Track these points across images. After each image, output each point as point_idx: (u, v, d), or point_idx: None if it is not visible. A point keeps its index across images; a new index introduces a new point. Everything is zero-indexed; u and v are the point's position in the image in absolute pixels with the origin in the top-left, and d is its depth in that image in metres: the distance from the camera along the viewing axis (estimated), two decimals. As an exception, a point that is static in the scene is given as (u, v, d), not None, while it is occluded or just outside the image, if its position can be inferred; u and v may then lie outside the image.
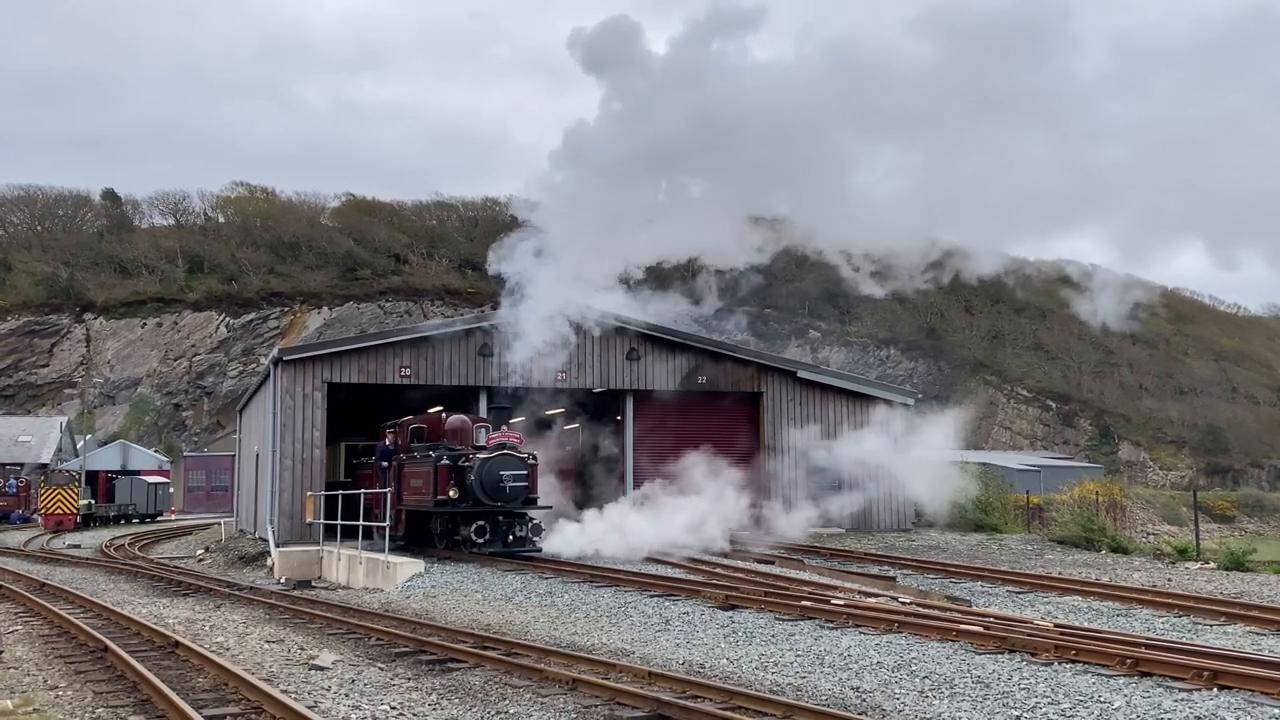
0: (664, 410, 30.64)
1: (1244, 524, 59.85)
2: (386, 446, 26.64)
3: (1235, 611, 15.17)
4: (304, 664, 12.26)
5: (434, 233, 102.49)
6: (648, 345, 30.67)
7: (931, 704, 9.87)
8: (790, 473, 31.28)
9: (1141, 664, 10.84)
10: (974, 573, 20.69)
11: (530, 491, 22.98)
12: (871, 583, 18.80)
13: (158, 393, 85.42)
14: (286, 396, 27.93)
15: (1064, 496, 36.80)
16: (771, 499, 29.64)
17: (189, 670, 11.97)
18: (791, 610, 15.21)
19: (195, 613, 17.38)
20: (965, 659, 11.76)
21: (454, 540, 23.14)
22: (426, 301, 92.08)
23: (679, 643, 13.37)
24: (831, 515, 30.21)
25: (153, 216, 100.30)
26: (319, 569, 24.57)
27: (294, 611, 17.13)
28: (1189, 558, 25.41)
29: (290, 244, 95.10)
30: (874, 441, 31.96)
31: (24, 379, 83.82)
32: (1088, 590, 17.85)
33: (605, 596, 17.38)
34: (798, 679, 11.05)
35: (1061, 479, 52.79)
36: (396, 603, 17.94)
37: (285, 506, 27.60)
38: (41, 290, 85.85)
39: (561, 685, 10.79)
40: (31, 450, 67.58)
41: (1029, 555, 26.38)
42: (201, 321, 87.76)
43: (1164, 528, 50.26)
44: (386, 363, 28.82)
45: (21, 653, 13.53)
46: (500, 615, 15.97)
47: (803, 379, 32.36)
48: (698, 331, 32.08)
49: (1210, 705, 9.49)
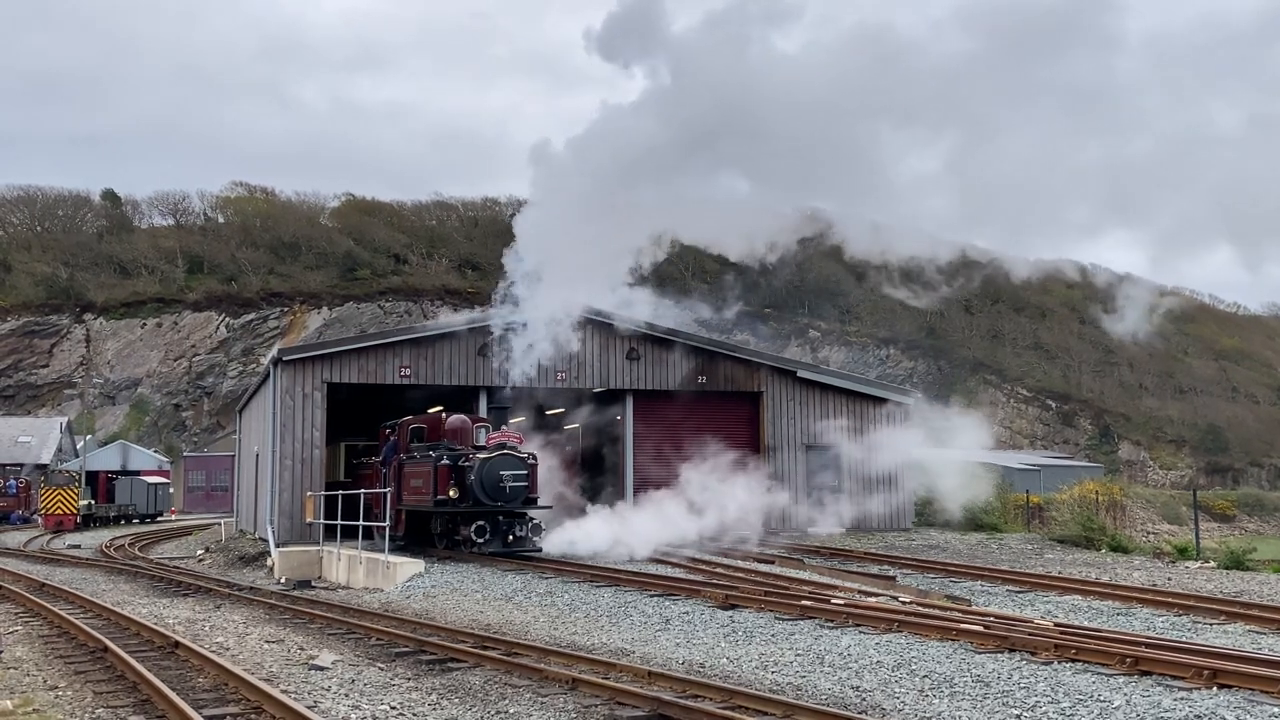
0: (664, 410, 30.66)
1: (1244, 523, 59.82)
2: (386, 446, 26.64)
3: (1235, 610, 15.17)
4: (304, 664, 12.26)
5: (434, 233, 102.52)
6: (647, 345, 30.68)
7: (931, 703, 9.86)
8: (790, 472, 31.28)
9: (1141, 663, 10.84)
10: (974, 572, 20.69)
11: (530, 491, 22.98)
12: (871, 582, 18.80)
13: (158, 393, 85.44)
14: (286, 396, 27.93)
15: (1064, 496, 36.80)
16: (771, 498, 29.60)
17: (189, 670, 11.97)
18: (791, 610, 15.21)
19: (195, 613, 17.38)
20: (965, 658, 11.76)
21: (454, 540, 23.14)
22: (426, 301, 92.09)
23: (679, 642, 13.37)
24: (831, 514, 30.26)
25: (152, 217, 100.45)
26: (319, 569, 24.56)
27: (294, 611, 17.13)
28: (1189, 557, 25.42)
29: (290, 244, 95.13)
30: (874, 441, 32.03)
31: (24, 379, 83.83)
32: (1088, 589, 17.85)
33: (605, 596, 17.38)
34: (798, 678, 11.05)
35: (1061, 478, 52.78)
36: (396, 603, 17.94)
37: (285, 506, 27.60)
38: (41, 290, 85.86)
39: (561, 685, 10.79)
40: (31, 451, 67.59)
41: (1029, 555, 26.37)
42: (201, 322, 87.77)
43: (1164, 527, 50.23)
44: (386, 363, 28.83)
45: (21, 653, 13.53)
46: (500, 615, 15.97)
47: (803, 378, 32.37)
48: (699, 332, 32.10)
49: (1210, 704, 9.49)
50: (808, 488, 31.26)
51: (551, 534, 23.80)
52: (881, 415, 32.62)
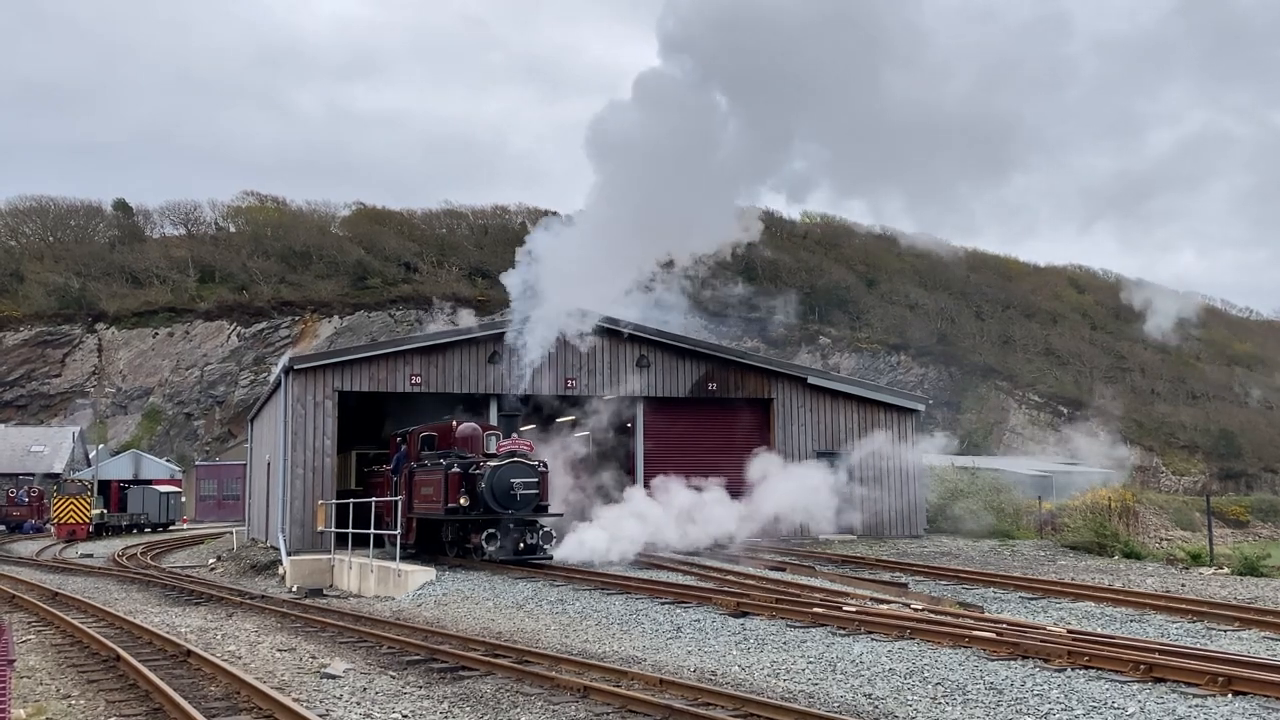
0: (675, 417, 30.64)
1: (1258, 529, 59.47)
2: (397, 454, 26.68)
3: (1249, 617, 15.08)
4: (316, 672, 12.27)
5: (444, 241, 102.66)
6: (658, 352, 30.68)
7: (944, 710, 9.83)
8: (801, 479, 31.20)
9: (1155, 670, 10.79)
10: (986, 579, 20.61)
11: (541, 499, 22.99)
12: (883, 589, 18.74)
13: (169, 402, 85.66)
14: (297, 405, 27.99)
15: (1076, 502, 36.68)
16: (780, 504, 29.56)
17: (201, 679, 11.99)
18: (803, 617, 15.18)
19: (207, 621, 17.41)
20: (978, 665, 11.72)
21: (465, 548, 23.15)
22: (437, 309, 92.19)
23: (690, 650, 13.35)
24: (843, 521, 30.20)
25: (164, 226, 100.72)
26: (330, 577, 24.61)
27: (305, 620, 17.16)
28: (1202, 563, 25.29)
29: (301, 253, 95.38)
30: (885, 447, 31.96)
31: (36, 389, 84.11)
32: (1100, 596, 17.77)
33: (616, 604, 17.36)
34: (810, 686, 11.02)
35: (1073, 485, 52.57)
36: (408, 611, 17.95)
37: (296, 515, 27.65)
38: (54, 300, 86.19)
39: (573, 693, 10.78)
40: (44, 460, 67.81)
41: (1041, 561, 26.28)
42: (213, 331, 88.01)
43: (1177, 533, 49.94)
44: (397, 371, 28.88)
45: (34, 661, 13.57)
46: (511, 623, 15.96)
47: (813, 385, 32.32)
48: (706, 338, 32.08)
49: (1225, 711, 9.44)
50: (818, 494, 31.15)
51: (563, 541, 23.78)
52: (892, 421, 32.55)
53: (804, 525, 29.84)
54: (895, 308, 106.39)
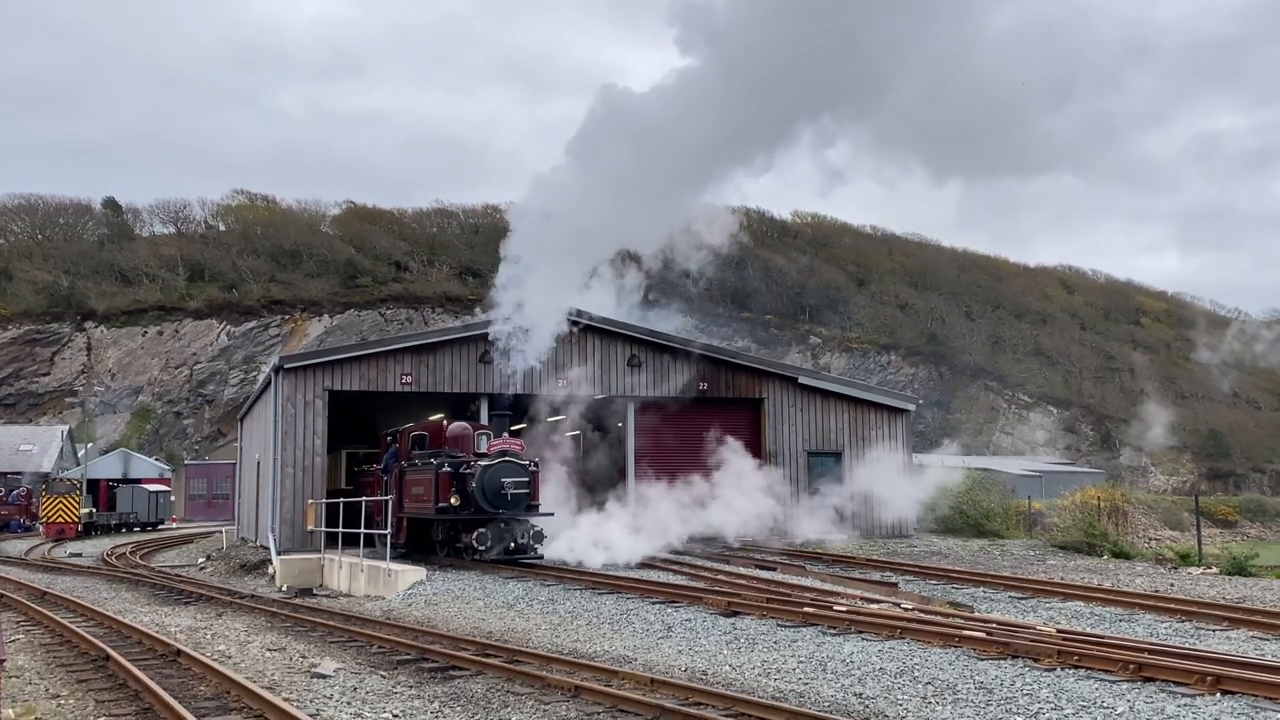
0: (665, 417, 30.62)
1: (1246, 529, 59.79)
2: (388, 454, 26.64)
3: (1238, 616, 15.15)
4: (306, 672, 12.25)
5: (434, 240, 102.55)
6: (649, 352, 30.68)
7: (934, 710, 9.85)
8: (791, 478, 31.25)
9: (1144, 669, 10.83)
10: (976, 578, 20.66)
11: (532, 498, 22.96)
12: (874, 589, 18.78)
13: (159, 401, 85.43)
14: (288, 404, 27.93)
15: (1065, 502, 36.78)
16: (773, 504, 29.58)
17: (191, 678, 11.96)
18: (794, 616, 15.20)
19: (197, 621, 17.37)
20: (968, 665, 11.75)
21: (455, 547, 23.12)
22: (428, 309, 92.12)
23: (681, 649, 13.36)
24: (833, 521, 30.23)
25: (153, 225, 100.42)
26: (320, 577, 24.57)
27: (296, 619, 17.13)
28: (1191, 563, 25.39)
29: (291, 252, 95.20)
30: (875, 447, 32.03)
31: (25, 388, 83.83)
32: (1090, 595, 17.83)
33: (607, 603, 17.36)
34: (800, 685, 11.04)
35: (1063, 484, 52.78)
36: (398, 610, 17.93)
37: (286, 514, 27.58)
38: (42, 299, 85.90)
39: (564, 692, 10.78)
40: (33, 459, 67.56)
41: (1031, 561, 26.36)
42: (202, 330, 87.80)
43: (1166, 533, 50.22)
44: (387, 370, 28.83)
45: (23, 661, 13.52)
46: (502, 622, 15.96)
47: (804, 385, 32.35)
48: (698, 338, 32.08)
49: (1214, 710, 9.48)
50: (809, 494, 31.21)
51: (553, 541, 23.76)
52: (883, 421, 32.61)
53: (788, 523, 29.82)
54: (885, 308, 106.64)
